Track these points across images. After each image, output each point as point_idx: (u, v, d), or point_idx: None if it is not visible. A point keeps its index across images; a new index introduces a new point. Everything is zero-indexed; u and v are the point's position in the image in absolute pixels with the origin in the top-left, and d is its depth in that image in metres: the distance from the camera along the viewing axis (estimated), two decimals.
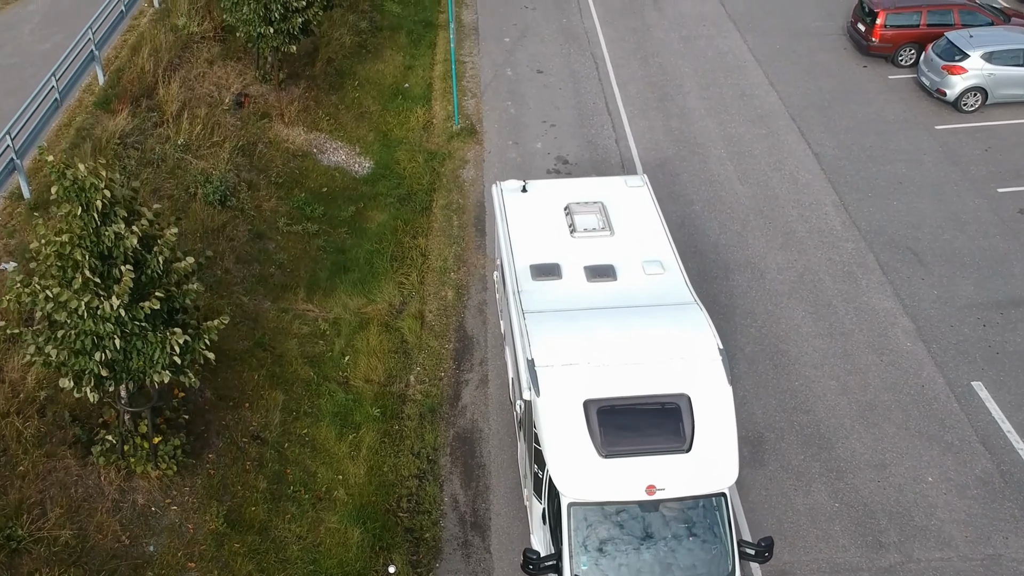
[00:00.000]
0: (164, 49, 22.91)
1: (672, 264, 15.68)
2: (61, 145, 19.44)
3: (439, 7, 33.75)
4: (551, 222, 16.68)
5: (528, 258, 15.81)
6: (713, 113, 26.99)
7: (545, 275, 15.37)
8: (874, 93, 27.90)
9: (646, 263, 15.56)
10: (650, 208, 17.07)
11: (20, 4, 25.88)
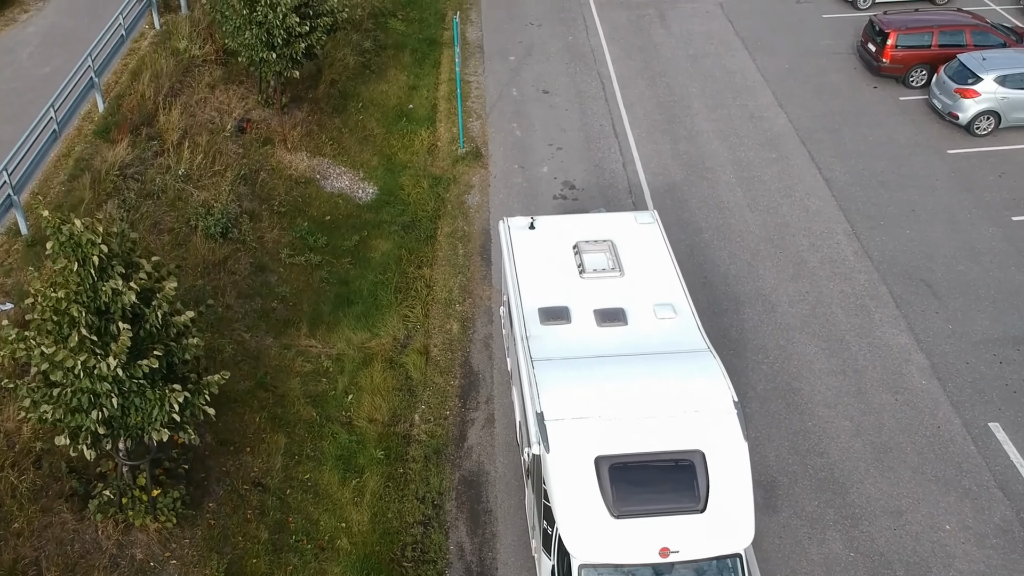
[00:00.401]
0: (165, 74, 22.55)
1: (684, 307, 15.30)
2: (60, 177, 19.10)
3: (443, 24, 33.40)
4: (559, 262, 16.30)
5: (536, 300, 15.43)
6: (722, 136, 26.60)
7: (554, 319, 14.99)
8: (885, 115, 27.51)
9: (657, 306, 15.18)
10: (661, 246, 16.69)
11: (19, 26, 25.54)
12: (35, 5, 27.03)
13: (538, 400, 13.20)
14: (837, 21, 33.28)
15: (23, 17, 26.25)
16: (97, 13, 26.41)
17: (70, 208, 18.07)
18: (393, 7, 33.15)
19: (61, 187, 18.68)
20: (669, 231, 22.22)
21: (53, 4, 27.15)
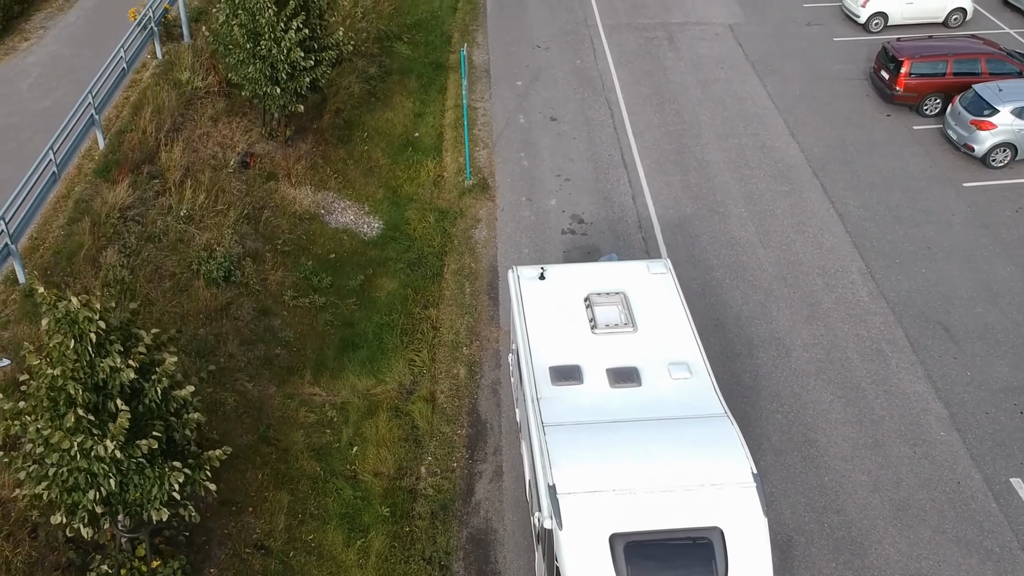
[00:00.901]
0: (166, 109, 22.15)
1: (699, 367, 14.86)
2: (59, 220, 18.70)
3: (449, 48, 32.98)
4: (570, 316, 15.87)
5: (547, 358, 15.00)
6: (733, 167, 26.16)
7: (565, 379, 14.56)
8: (899, 145, 27.05)
9: (672, 366, 14.74)
10: (675, 299, 16.25)
11: (19, 55, 25.14)
12: (36, 33, 26.64)
13: (550, 472, 12.77)
14: (848, 45, 32.82)
15: (23, 46, 25.85)
16: (98, 42, 26.04)
17: (69, 253, 17.66)
18: (399, 30, 32.74)
19: (60, 231, 18.27)
20: (680, 268, 21.91)
21: (54, 32, 26.76)
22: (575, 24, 34.70)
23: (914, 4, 32.88)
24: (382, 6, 33.14)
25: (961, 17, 33.21)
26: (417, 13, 34.49)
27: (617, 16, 35.13)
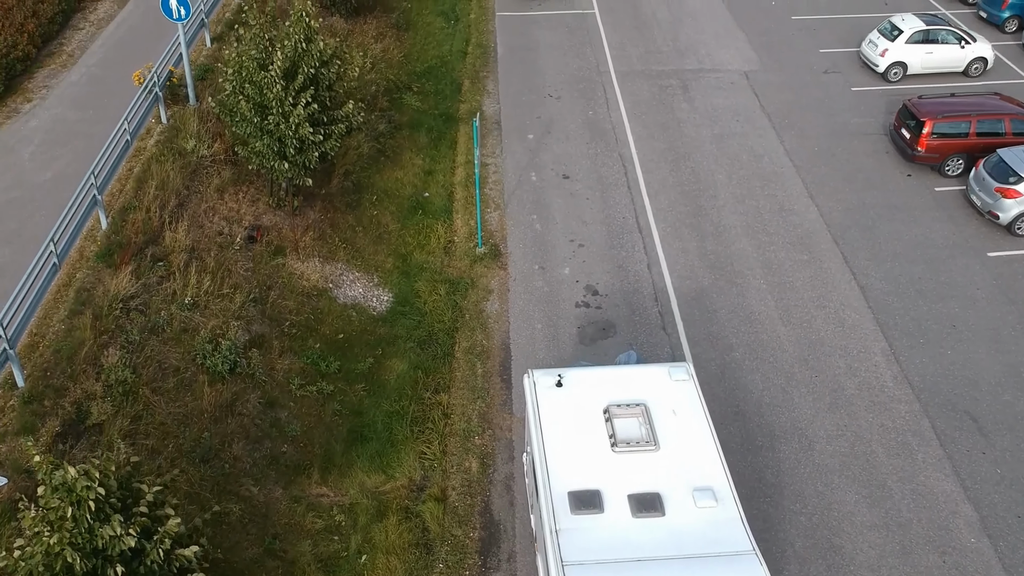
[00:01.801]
0: (171, 184, 21.58)
1: (726, 492, 14.23)
2: (59, 312, 18.12)
3: (459, 96, 32.40)
4: (589, 430, 15.26)
5: (565, 481, 14.39)
6: (751, 232, 25.51)
7: (585, 507, 13.95)
8: (920, 209, 26.40)
9: (697, 492, 14.13)
10: (698, 411, 15.63)
11: (21, 119, 24.60)
12: (39, 93, 26.11)
13: None
14: (867, 95, 32.16)
15: (26, 107, 25.31)
16: (102, 104, 25.52)
17: (69, 351, 17.09)
18: (408, 79, 32.16)
19: (61, 324, 17.70)
20: (698, 348, 21.35)
21: (57, 92, 26.22)
22: (587, 70, 34.07)
23: (934, 54, 32.22)
24: (391, 54, 32.57)
25: (982, 66, 32.56)
26: (427, 59, 33.92)
27: (630, 62, 34.50)
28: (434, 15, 37.32)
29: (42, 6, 28.45)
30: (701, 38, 36.20)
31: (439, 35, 35.95)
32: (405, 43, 34.32)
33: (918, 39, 32.12)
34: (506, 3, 39.17)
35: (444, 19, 37.12)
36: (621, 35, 36.48)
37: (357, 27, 33.27)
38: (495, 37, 36.58)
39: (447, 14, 37.41)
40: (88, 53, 28.26)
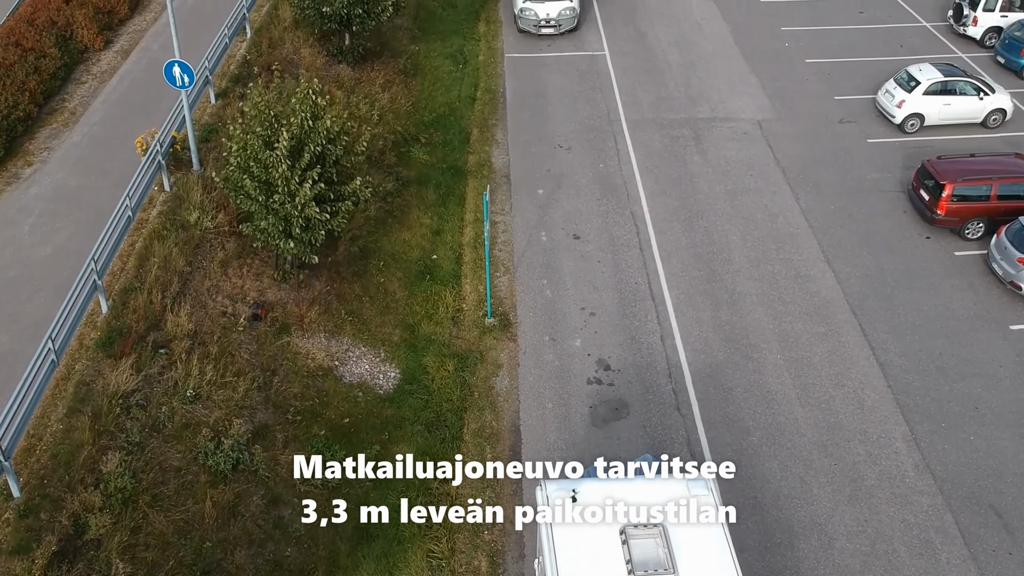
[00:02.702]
0: (173, 262, 21.06)
1: None
2: (58, 410, 17.62)
3: (468, 147, 31.87)
4: (605, 553, 14.71)
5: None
6: (766, 301, 24.92)
7: None
8: (940, 276, 25.79)
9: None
10: (718, 532, 15.05)
11: (22, 185, 24.11)
12: (40, 155, 25.62)
13: None
14: (883, 148, 31.56)
15: (26, 172, 24.82)
16: (104, 168, 25.06)
17: (67, 456, 16.58)
18: (416, 130, 31.62)
19: (59, 425, 17.20)
20: (714, 432, 20.79)
21: (58, 155, 25.74)
22: (598, 119, 33.50)
23: (952, 105, 31.62)
24: (399, 103, 32.05)
25: (1000, 118, 31.96)
26: (435, 107, 33.38)
27: (641, 109, 33.93)
28: (442, 57, 36.79)
29: (44, 61, 27.98)
30: (713, 83, 35.62)
31: (447, 80, 35.42)
32: (413, 90, 33.79)
33: (936, 90, 31.53)
34: (515, 44, 38.66)
35: (452, 62, 36.58)
36: (632, 79, 35.92)
37: (364, 75, 32.75)
38: (504, 81, 36.06)
39: (455, 56, 36.88)
40: (90, 110, 27.78)
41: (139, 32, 32.56)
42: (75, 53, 29.89)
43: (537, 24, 38.36)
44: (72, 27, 30.24)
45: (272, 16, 33.81)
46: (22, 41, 28.26)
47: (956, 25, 37.93)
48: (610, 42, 38.81)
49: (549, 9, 38.18)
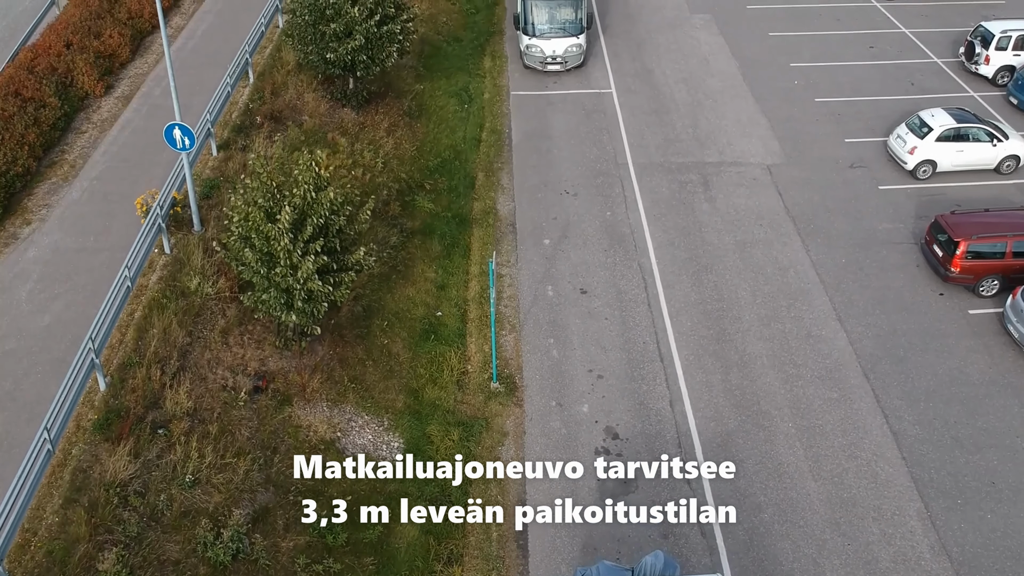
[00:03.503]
0: (172, 334, 20.65)
1: None
2: (54, 501, 17.22)
3: (473, 193, 31.45)
4: None
5: None
6: (777, 363, 24.46)
7: None
8: (954, 337, 25.30)
9: None
10: None
11: (20, 246, 23.73)
12: (38, 213, 25.24)
13: None
14: (895, 195, 31.08)
15: (24, 232, 24.44)
16: (103, 228, 24.69)
17: (63, 554, 16.16)
18: (421, 176, 31.21)
19: (54, 517, 16.80)
20: (725, 507, 20.12)
21: (57, 213, 25.36)
22: (604, 162, 33.05)
23: (965, 152, 31.14)
24: (403, 149, 31.65)
25: (1014, 164, 31.49)
26: (440, 151, 32.95)
27: (648, 152, 33.48)
28: (447, 96, 36.37)
29: (44, 112, 27.60)
30: (722, 124, 35.16)
31: (452, 120, 35.01)
32: (418, 132, 33.37)
33: (948, 137, 31.03)
34: (521, 81, 38.23)
35: (458, 101, 36.17)
36: (639, 120, 35.48)
37: (368, 118, 32.33)
38: (510, 121, 35.63)
39: (460, 95, 36.47)
40: (90, 163, 27.39)
41: (141, 76, 32.18)
42: (75, 101, 29.50)
43: (543, 61, 37.93)
44: (73, 73, 29.86)
45: (275, 58, 33.41)
46: (22, 90, 27.89)
47: (968, 63, 37.44)
48: (616, 79, 38.33)
49: (555, 46, 37.74)
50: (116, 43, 31.85)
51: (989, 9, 43.91)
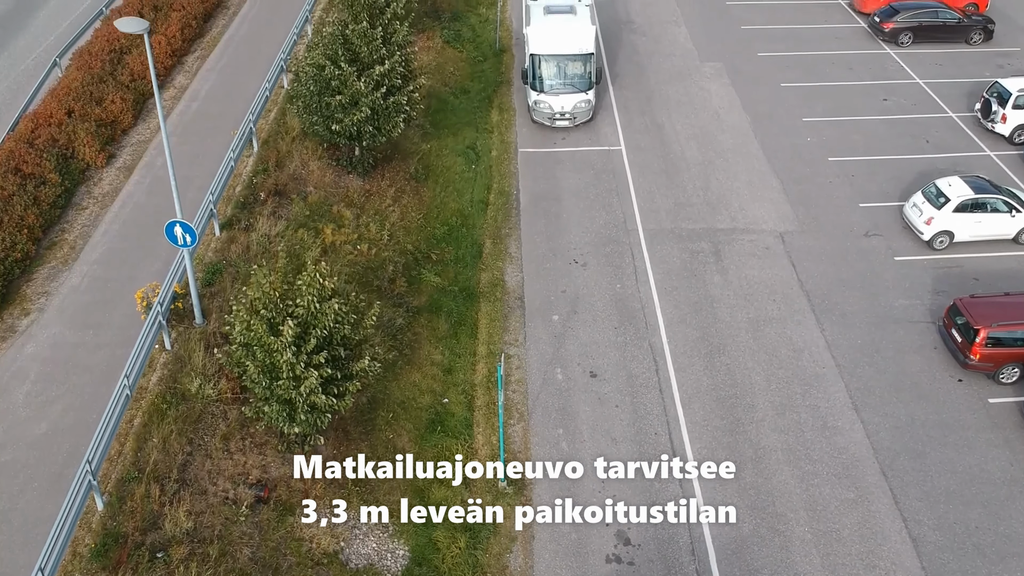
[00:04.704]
0: (172, 444, 20.12)
1: None
2: None
3: (480, 262, 30.89)
4: None
5: None
6: (792, 458, 23.88)
7: None
8: (974, 429, 24.68)
9: None
10: None
11: (17, 341, 23.22)
12: (37, 302, 24.74)
13: None
14: (911, 267, 30.44)
15: (23, 324, 23.93)
16: (103, 320, 24.19)
17: None
18: (427, 246, 30.66)
19: None
20: None
21: (56, 302, 24.85)
22: (614, 228, 32.46)
23: (983, 223, 30.53)
24: (410, 218, 31.12)
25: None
26: (447, 217, 32.40)
27: (659, 217, 32.88)
28: (454, 155, 35.85)
29: (44, 189, 27.12)
30: (733, 186, 34.55)
31: (459, 181, 34.48)
32: (424, 197, 32.83)
33: (966, 207, 30.42)
34: (529, 137, 37.69)
35: (465, 160, 35.65)
36: (649, 180, 34.90)
37: (375, 185, 31.81)
38: (518, 181, 35.10)
39: (467, 154, 35.96)
40: (90, 244, 26.88)
41: (143, 143, 31.69)
42: (76, 174, 29.00)
43: (552, 117, 37.39)
44: (74, 145, 29.38)
45: (279, 123, 32.89)
46: (22, 166, 27.43)
47: (984, 120, 36.80)
48: (626, 135, 37.75)
49: (564, 102, 37.19)
50: (118, 109, 31.33)
51: (1004, 57, 43.29)
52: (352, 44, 29.09)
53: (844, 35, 45.72)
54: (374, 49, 29.03)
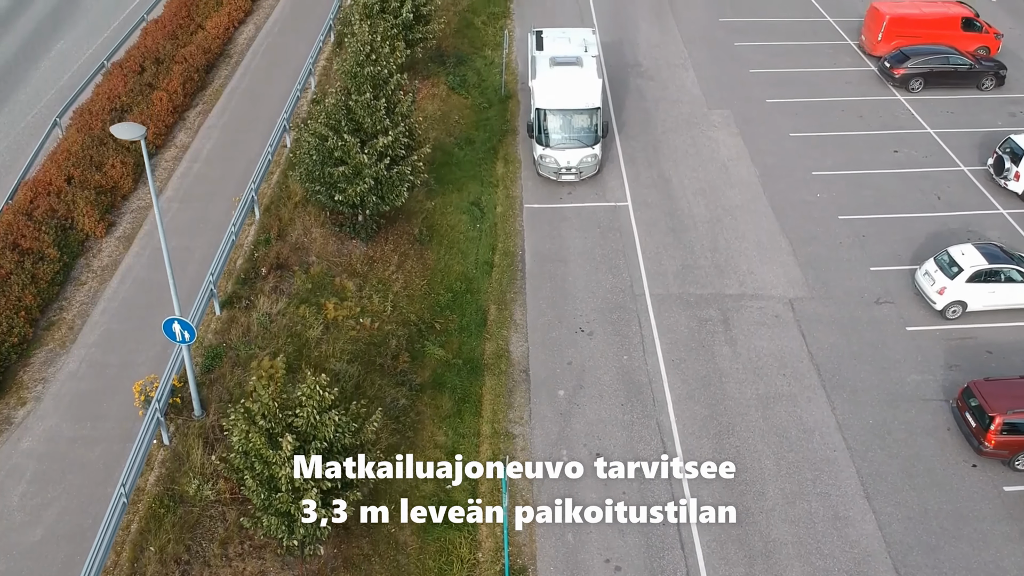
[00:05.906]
0: (170, 554, 19.66)
1: None
2: None
3: (485, 331, 30.42)
4: None
5: None
6: (803, 554, 23.38)
7: None
8: (989, 521, 24.16)
9: None
10: None
11: (13, 434, 22.82)
12: (34, 389, 24.34)
13: None
14: (924, 337, 29.90)
15: (19, 415, 23.53)
16: (100, 410, 23.75)
17: None
18: (431, 315, 30.21)
19: None
20: None
21: (53, 390, 24.44)
22: (621, 293, 31.96)
23: (997, 293, 30.01)
24: (413, 286, 30.67)
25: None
26: (451, 281, 31.93)
27: (666, 281, 32.38)
28: (459, 212, 35.38)
29: (42, 265, 26.71)
30: (742, 247, 34.03)
31: (464, 242, 34.02)
32: (428, 261, 32.36)
33: (979, 277, 29.87)
34: (534, 191, 37.22)
35: (469, 217, 35.18)
36: (656, 240, 34.39)
37: (378, 251, 31.37)
38: (523, 240, 34.62)
39: (472, 211, 35.48)
40: (89, 323, 26.46)
41: (143, 210, 31.27)
42: (75, 245, 28.59)
43: (558, 171, 36.92)
44: (73, 215, 28.95)
45: (282, 187, 32.45)
46: (20, 241, 27.04)
47: (996, 177, 36.25)
48: (632, 189, 37.25)
49: (570, 157, 36.72)
50: (118, 174, 30.92)
51: (1016, 105, 42.78)
52: (355, 114, 28.64)
53: (854, 79, 45.15)
54: (377, 120, 28.58)
